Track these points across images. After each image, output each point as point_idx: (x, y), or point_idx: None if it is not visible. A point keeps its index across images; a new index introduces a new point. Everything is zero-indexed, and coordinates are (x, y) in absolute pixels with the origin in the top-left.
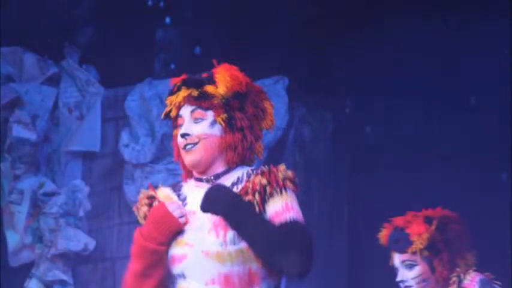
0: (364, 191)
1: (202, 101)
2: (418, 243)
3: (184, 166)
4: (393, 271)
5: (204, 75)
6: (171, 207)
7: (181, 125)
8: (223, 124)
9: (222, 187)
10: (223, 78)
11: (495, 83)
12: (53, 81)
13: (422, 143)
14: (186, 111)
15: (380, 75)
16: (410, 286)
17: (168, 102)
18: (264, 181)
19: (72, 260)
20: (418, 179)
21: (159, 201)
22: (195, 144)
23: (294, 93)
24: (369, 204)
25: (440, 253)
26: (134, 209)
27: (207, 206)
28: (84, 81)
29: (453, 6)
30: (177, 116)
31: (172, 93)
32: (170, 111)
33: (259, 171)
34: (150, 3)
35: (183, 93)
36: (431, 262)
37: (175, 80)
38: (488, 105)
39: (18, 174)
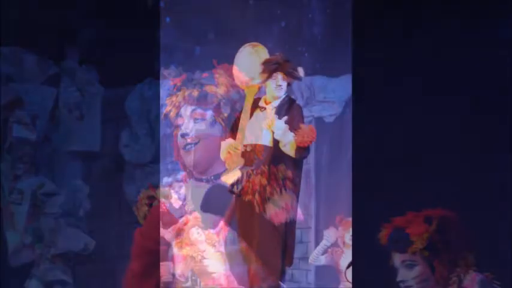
0: (364, 191)
1: (202, 101)
2: (418, 243)
3: (184, 166)
4: (393, 271)
5: (204, 75)
6: (171, 207)
7: (181, 125)
8: (223, 124)
9: (222, 187)
10: (223, 78)
11: (495, 83)
12: (53, 81)
13: (422, 142)
14: (186, 111)
15: (380, 75)
16: (411, 286)
17: (168, 102)
18: (264, 181)
19: (72, 260)
20: (418, 178)
21: (159, 201)
22: (195, 144)
23: None
24: (369, 204)
25: (440, 253)
26: (134, 209)
27: (207, 206)
28: (84, 81)
29: (454, 7)
30: (177, 116)
31: (172, 93)
32: (170, 111)
33: (259, 171)
34: (150, 3)
35: (183, 93)
36: (431, 262)
37: (176, 80)
38: (488, 105)
39: (18, 174)
